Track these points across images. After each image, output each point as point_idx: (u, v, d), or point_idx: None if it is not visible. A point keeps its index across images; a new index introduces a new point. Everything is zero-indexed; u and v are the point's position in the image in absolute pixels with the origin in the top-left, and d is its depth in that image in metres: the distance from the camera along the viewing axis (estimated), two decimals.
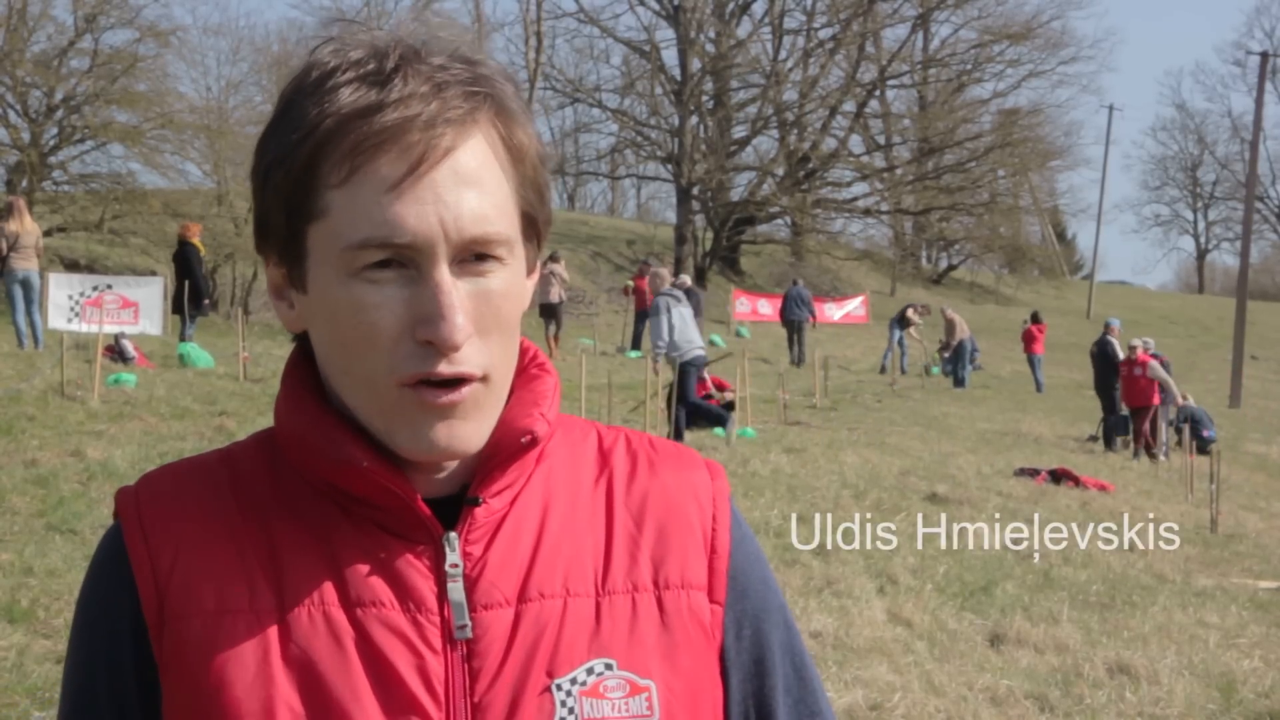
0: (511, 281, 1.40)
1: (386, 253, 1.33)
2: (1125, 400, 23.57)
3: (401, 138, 1.32)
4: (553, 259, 30.91)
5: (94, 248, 33.47)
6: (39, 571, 8.77)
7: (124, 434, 14.08)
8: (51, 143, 34.00)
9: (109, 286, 25.80)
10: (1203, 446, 20.91)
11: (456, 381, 1.36)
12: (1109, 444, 23.09)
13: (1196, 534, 14.75)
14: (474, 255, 1.36)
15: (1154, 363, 23.64)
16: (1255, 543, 14.84)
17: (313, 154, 1.34)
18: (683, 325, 17.15)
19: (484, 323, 1.37)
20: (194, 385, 18.23)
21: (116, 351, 19.68)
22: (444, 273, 1.34)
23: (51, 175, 34.42)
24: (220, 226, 32.69)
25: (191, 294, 22.49)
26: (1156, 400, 23.16)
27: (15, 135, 33.96)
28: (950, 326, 33.80)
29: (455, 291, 1.34)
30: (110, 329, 20.89)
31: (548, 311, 29.99)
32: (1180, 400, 24.39)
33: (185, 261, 22.77)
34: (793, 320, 35.77)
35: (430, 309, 1.33)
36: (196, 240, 23.39)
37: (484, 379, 1.38)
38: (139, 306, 25.59)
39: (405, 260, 1.34)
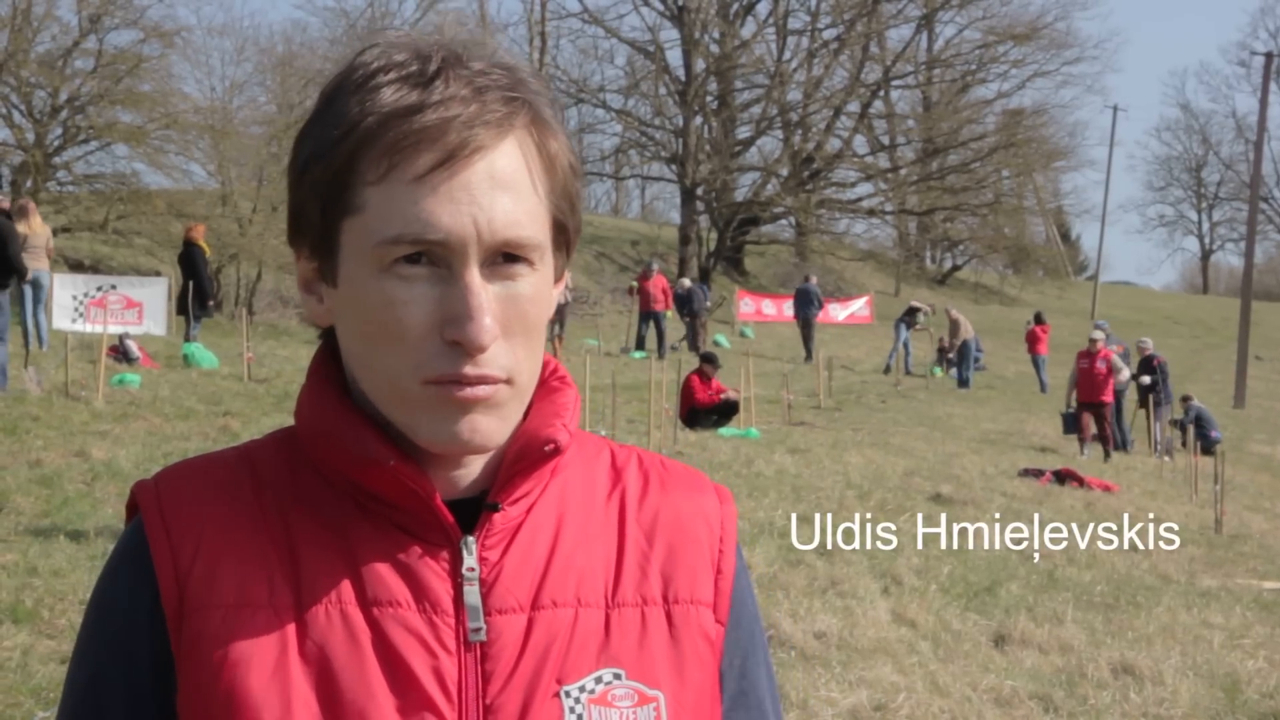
0: (540, 287, 1.41)
1: (418, 248, 1.34)
2: (1080, 395, 23.22)
3: (440, 138, 1.34)
4: None
5: (98, 248, 33.47)
6: (43, 572, 8.77)
7: (128, 434, 14.10)
8: (56, 143, 33.94)
9: (113, 287, 25.84)
10: (1209, 447, 20.88)
11: (480, 381, 1.37)
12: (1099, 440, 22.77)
13: (1201, 535, 14.74)
14: (504, 258, 1.37)
15: (1115, 356, 23.50)
16: (1260, 543, 14.83)
17: (353, 150, 1.35)
18: None
19: (510, 326, 1.38)
20: (198, 385, 18.28)
21: (121, 352, 19.73)
22: (474, 274, 1.35)
23: (56, 176, 34.35)
24: (225, 227, 32.63)
25: (196, 294, 22.53)
26: (1110, 398, 22.90)
27: (20, 136, 33.91)
28: (954, 327, 33.84)
29: (484, 293, 1.35)
30: (114, 329, 20.93)
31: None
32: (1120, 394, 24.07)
33: (190, 262, 22.81)
34: (805, 317, 35.84)
35: (459, 309, 1.34)
36: (202, 241, 23.43)
37: (508, 381, 1.39)
38: (143, 307, 25.63)
39: (436, 259, 1.35)
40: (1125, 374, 23.70)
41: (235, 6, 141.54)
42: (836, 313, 48.39)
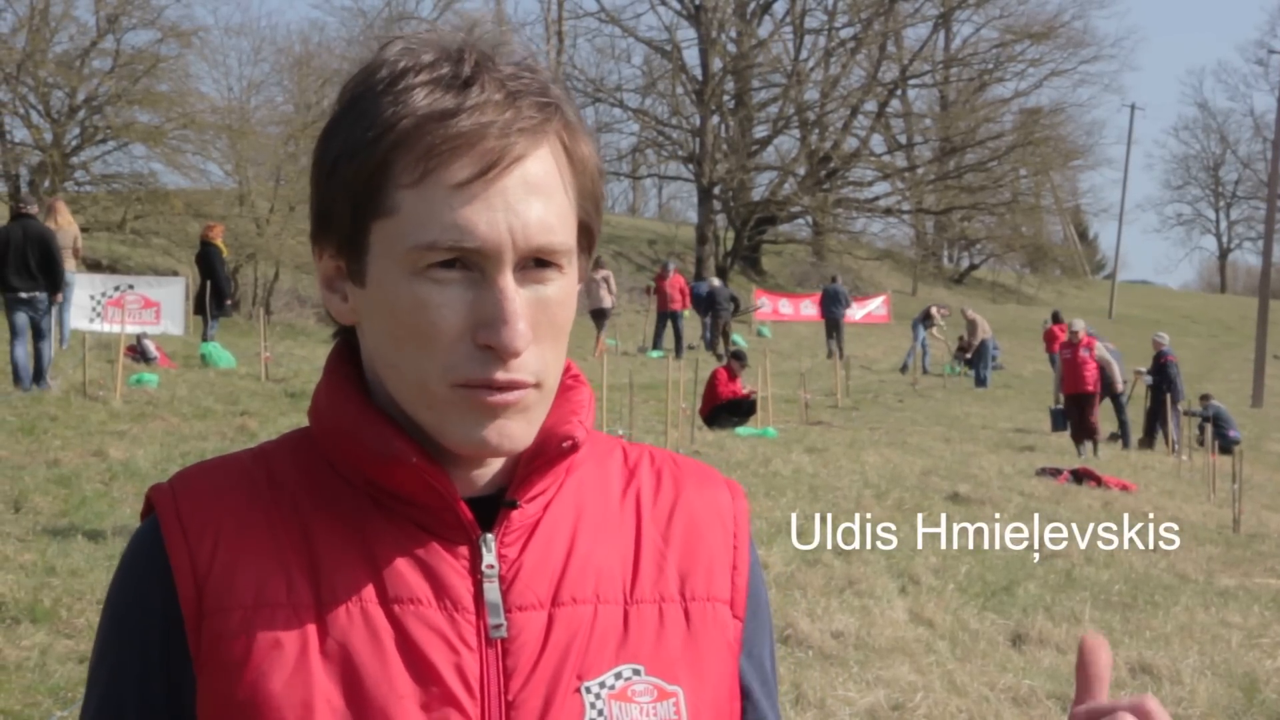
0: (567, 290, 1.41)
1: (454, 254, 1.35)
2: (1065, 387, 22.90)
3: (477, 143, 1.34)
4: (599, 265, 31.18)
5: (116, 248, 33.55)
6: (61, 571, 8.80)
7: (146, 434, 14.13)
8: (74, 143, 34.04)
9: (131, 287, 25.87)
10: (1227, 446, 20.79)
11: (510, 386, 1.37)
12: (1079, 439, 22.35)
13: (1219, 534, 14.70)
14: (535, 263, 1.38)
15: (1100, 345, 23.31)
16: (1278, 543, 14.77)
17: (387, 152, 1.35)
18: None
19: (540, 330, 1.38)
20: (216, 385, 18.31)
21: (138, 351, 19.78)
22: (508, 279, 1.35)
23: (74, 176, 34.45)
24: (242, 227, 32.66)
25: (214, 294, 22.57)
26: (1095, 388, 22.61)
27: (38, 136, 34.02)
28: (972, 326, 33.84)
29: (518, 298, 1.35)
30: (132, 329, 20.98)
31: (599, 316, 30.22)
32: (1119, 386, 23.79)
33: (208, 262, 22.85)
34: (833, 317, 35.92)
35: (493, 314, 1.34)
36: (219, 241, 23.48)
37: (537, 385, 1.39)
38: (161, 307, 25.68)
39: (470, 263, 1.35)
40: (1116, 368, 23.47)
41: (252, 6, 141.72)
42: (854, 312, 48.34)
